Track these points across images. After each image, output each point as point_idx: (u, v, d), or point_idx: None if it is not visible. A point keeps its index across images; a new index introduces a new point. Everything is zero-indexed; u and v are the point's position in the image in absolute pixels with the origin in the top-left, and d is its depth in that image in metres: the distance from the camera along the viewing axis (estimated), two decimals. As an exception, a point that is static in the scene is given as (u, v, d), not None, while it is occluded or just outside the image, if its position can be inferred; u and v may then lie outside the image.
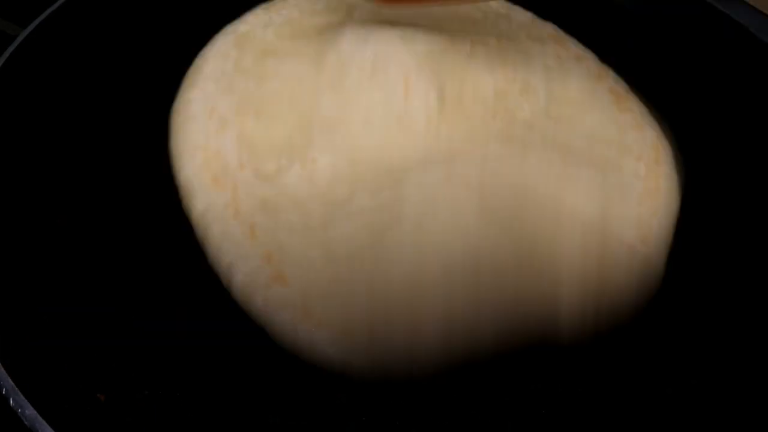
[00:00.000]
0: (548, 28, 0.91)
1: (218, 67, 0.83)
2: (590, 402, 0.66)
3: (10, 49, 0.77)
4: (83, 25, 0.84)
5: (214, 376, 0.64)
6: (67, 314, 0.65)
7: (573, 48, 0.89)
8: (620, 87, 0.85)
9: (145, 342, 0.65)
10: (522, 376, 0.66)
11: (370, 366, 0.64)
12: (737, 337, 0.70)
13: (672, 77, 0.92)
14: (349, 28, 0.85)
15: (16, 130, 0.74)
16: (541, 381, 0.66)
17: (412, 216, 0.70)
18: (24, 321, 0.63)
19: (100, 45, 0.84)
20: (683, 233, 0.75)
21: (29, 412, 0.56)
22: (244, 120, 0.78)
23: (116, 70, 0.84)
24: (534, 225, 0.71)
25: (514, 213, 0.71)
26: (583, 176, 0.75)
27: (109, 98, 0.81)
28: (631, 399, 0.66)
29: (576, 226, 0.71)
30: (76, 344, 0.63)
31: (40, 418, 0.56)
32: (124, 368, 0.63)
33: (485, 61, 0.85)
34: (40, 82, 0.78)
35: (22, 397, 0.57)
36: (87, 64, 0.82)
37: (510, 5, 0.94)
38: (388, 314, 0.65)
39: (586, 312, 0.66)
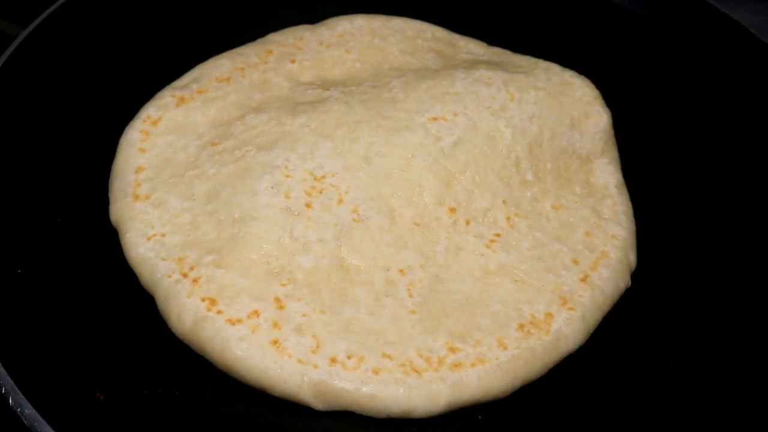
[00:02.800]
0: None
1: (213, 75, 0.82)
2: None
3: (11, 49, 0.78)
4: (82, 26, 0.84)
5: (214, 378, 0.64)
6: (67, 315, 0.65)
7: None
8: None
9: (143, 340, 0.65)
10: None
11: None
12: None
13: (672, 77, 0.92)
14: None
15: (15, 128, 0.74)
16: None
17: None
18: (23, 321, 0.63)
19: (99, 45, 0.84)
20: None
21: (29, 411, 0.56)
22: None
23: (115, 70, 0.84)
24: None
25: None
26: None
27: (108, 98, 0.81)
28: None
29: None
30: (75, 344, 0.63)
31: (39, 418, 0.56)
32: (123, 368, 0.63)
33: None
34: (39, 82, 0.78)
35: (21, 396, 0.56)
36: (86, 64, 0.83)
37: None
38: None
39: None
